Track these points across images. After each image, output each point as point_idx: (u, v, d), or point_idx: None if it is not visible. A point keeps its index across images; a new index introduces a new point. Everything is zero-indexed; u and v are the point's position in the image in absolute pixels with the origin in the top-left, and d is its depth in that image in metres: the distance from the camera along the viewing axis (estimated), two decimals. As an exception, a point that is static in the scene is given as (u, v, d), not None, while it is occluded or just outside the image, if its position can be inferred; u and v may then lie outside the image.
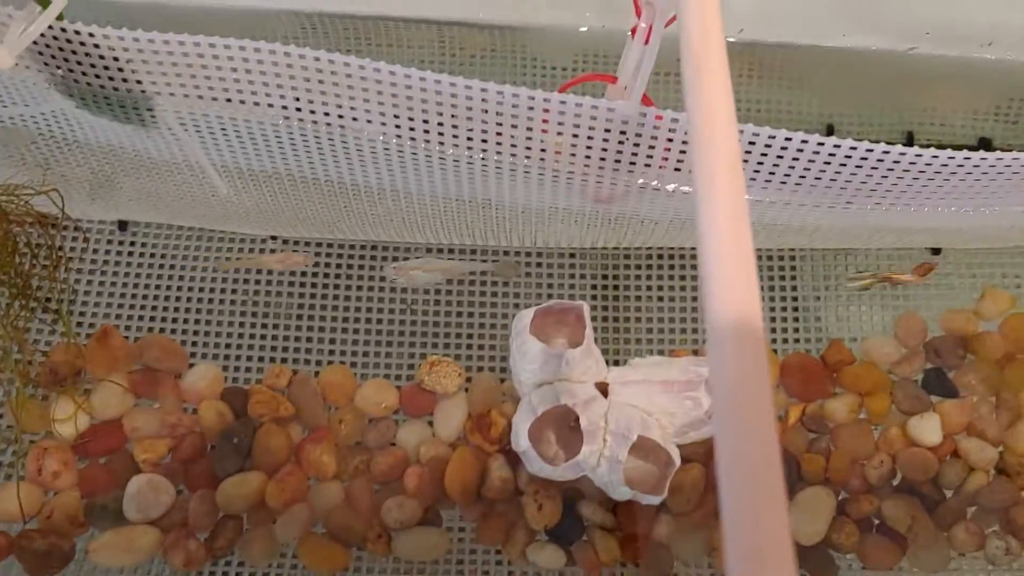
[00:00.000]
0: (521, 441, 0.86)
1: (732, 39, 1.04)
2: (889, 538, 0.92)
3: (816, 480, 0.93)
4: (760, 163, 0.72)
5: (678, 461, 0.86)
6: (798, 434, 0.95)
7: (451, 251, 1.02)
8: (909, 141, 1.06)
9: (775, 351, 0.99)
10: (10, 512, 0.88)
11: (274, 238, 1.02)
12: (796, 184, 0.77)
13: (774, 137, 0.69)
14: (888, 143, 0.69)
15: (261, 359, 0.98)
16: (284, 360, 0.98)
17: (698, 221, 0.46)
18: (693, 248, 1.03)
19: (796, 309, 1.02)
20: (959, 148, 0.69)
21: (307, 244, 1.02)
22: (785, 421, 0.95)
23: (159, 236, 1.03)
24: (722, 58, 0.54)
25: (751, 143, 0.70)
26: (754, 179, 0.76)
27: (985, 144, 1.09)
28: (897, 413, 0.96)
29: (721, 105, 0.52)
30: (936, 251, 1.04)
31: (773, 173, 0.73)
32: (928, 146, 0.69)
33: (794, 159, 0.71)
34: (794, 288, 1.03)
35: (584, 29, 1.09)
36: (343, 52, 0.69)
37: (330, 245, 1.02)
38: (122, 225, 1.02)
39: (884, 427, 0.95)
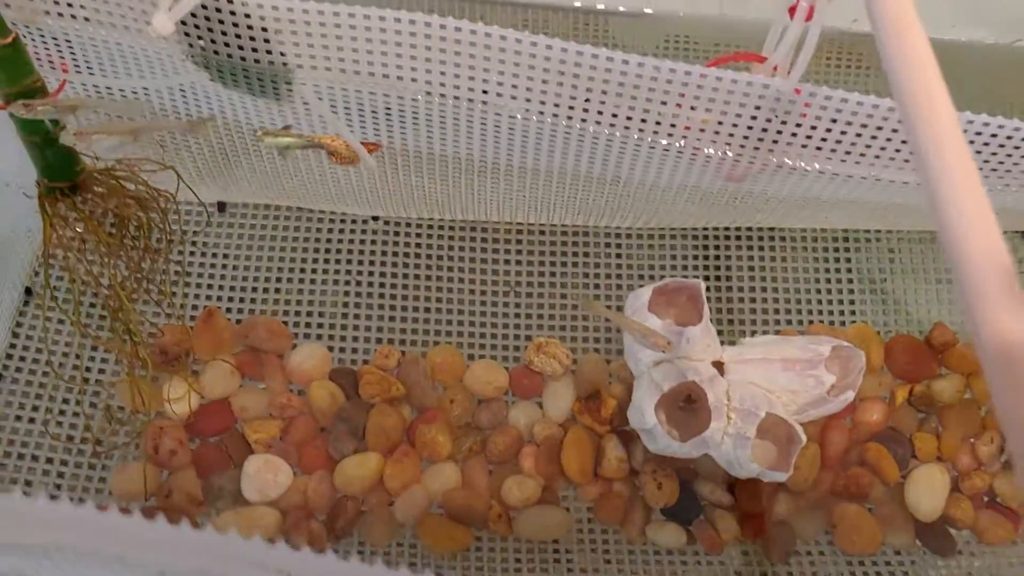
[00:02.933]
0: (648, 418, 0.89)
1: (844, 28, 1.09)
2: (1002, 514, 0.97)
3: (929, 458, 0.98)
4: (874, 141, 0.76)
5: (804, 438, 0.90)
6: (907, 414, 1.00)
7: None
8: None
9: (878, 332, 1.04)
10: (131, 491, 0.91)
11: (375, 218, 1.06)
12: (876, 157, 0.80)
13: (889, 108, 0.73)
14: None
15: (367, 340, 1.01)
16: (391, 341, 1.01)
17: (935, 201, 0.48)
18: (795, 229, 1.07)
19: (881, 291, 1.07)
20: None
21: (417, 224, 1.05)
22: (893, 402, 1.00)
23: (256, 217, 1.06)
24: (921, 30, 0.58)
25: (869, 116, 0.74)
26: (864, 155, 0.80)
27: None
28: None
29: (934, 80, 0.56)
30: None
31: (869, 147, 0.77)
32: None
33: (878, 127, 0.75)
34: (880, 270, 1.08)
35: (680, 14, 1.13)
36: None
37: (430, 226, 1.06)
38: (221, 206, 1.05)
39: (990, 405, 1.00)
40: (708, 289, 1.06)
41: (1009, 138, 0.74)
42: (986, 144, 0.74)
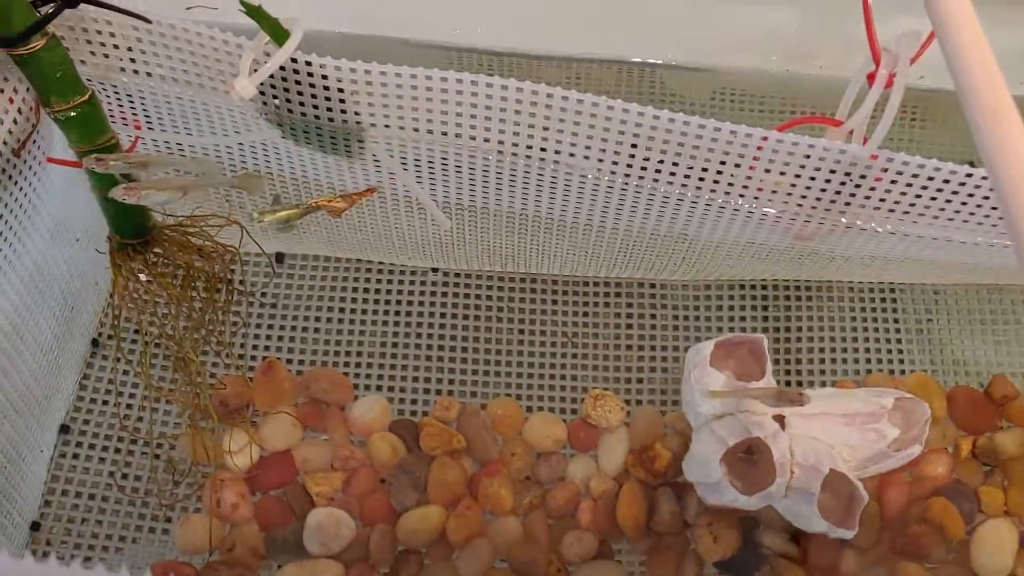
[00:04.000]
0: (713, 472, 0.89)
1: (913, 85, 1.09)
2: (1069, 573, 0.96)
3: (996, 513, 0.97)
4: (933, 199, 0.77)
5: (865, 496, 0.89)
6: (972, 467, 0.99)
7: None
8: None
9: (941, 383, 1.04)
10: (195, 544, 0.91)
11: (435, 270, 1.06)
12: (950, 219, 0.80)
13: (955, 172, 0.74)
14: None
15: (426, 391, 1.01)
16: (450, 392, 1.01)
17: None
18: (852, 282, 1.07)
19: (936, 340, 1.07)
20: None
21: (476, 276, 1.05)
22: (957, 454, 0.99)
23: (316, 268, 1.06)
24: (1011, 102, 0.57)
25: (931, 178, 0.75)
26: (937, 217, 0.80)
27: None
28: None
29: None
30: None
31: (943, 210, 0.78)
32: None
33: (953, 192, 0.76)
34: (928, 320, 1.08)
35: (734, 67, 1.14)
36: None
37: (490, 277, 1.06)
38: (279, 258, 1.05)
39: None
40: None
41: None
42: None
